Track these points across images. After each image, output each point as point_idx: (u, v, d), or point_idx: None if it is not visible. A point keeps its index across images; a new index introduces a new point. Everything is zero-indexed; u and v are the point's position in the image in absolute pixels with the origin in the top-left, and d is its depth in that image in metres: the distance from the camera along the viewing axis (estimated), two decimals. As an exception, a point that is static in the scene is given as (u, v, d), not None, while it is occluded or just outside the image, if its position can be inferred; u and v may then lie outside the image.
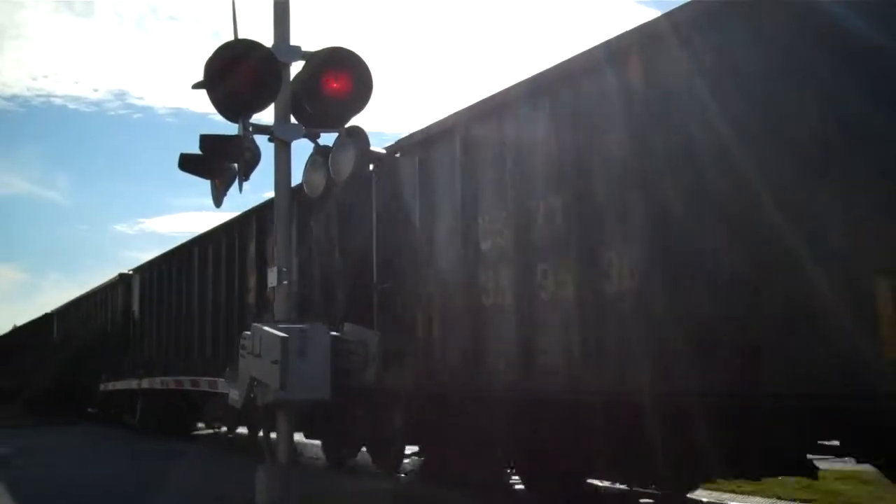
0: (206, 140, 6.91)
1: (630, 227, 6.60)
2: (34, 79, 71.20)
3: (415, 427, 10.12)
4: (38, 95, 71.89)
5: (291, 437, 6.96)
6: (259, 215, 13.65)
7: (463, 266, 8.47)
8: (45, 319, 33.54)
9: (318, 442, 13.12)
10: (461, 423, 9.00)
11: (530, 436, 8.20)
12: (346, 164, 6.97)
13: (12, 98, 73.85)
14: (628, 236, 6.61)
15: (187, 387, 16.73)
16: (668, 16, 6.40)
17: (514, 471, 9.53)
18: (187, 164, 7.24)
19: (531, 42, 64.79)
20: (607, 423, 7.07)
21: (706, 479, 7.99)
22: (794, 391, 5.39)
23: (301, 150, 7.39)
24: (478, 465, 9.29)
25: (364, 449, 11.89)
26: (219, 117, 6.82)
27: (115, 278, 23.51)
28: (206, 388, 15.31)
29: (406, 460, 11.46)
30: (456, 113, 8.79)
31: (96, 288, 25.63)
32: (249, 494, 6.94)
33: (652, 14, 6.58)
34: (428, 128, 9.26)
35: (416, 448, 10.84)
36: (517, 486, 9.64)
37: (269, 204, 8.16)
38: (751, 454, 6.12)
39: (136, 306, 21.50)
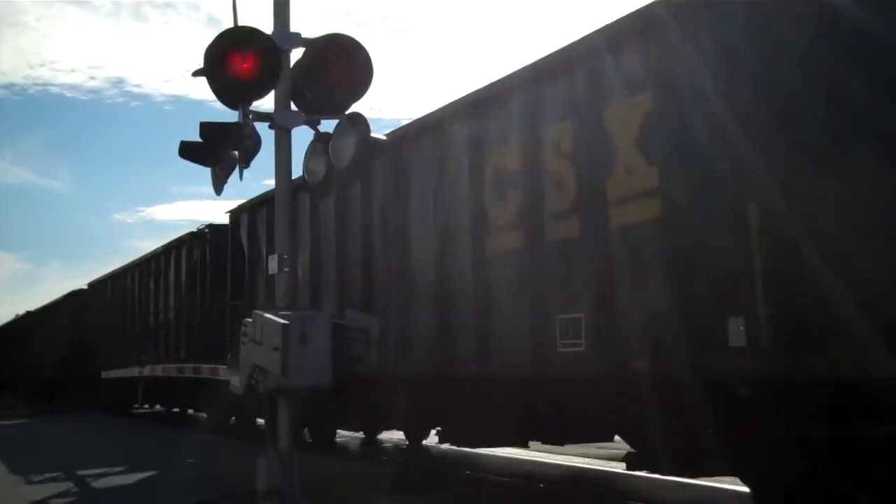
0: (206, 127, 6.89)
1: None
2: (31, 67, 71.11)
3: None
4: (36, 84, 71.84)
5: (293, 423, 6.96)
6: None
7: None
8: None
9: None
10: None
11: None
12: (346, 150, 6.95)
13: (9, 87, 73.84)
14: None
15: (189, 374, 16.78)
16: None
17: None
18: (188, 151, 7.22)
19: (533, 26, 64.63)
20: None
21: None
22: None
23: (302, 137, 7.38)
24: None
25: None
26: (218, 104, 6.80)
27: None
28: (208, 376, 15.35)
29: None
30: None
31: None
32: (251, 481, 6.95)
33: None
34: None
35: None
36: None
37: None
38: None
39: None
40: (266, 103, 7.11)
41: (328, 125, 7.20)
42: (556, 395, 7.86)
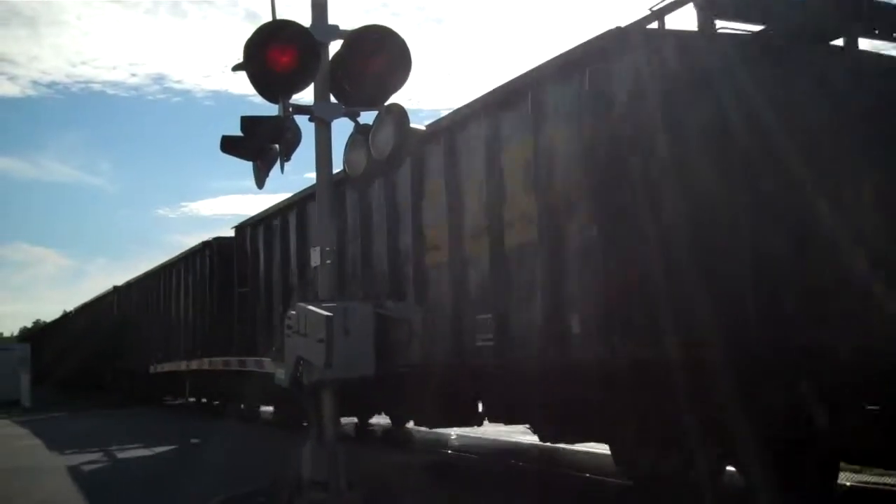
0: (246, 122, 6.94)
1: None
2: (73, 65, 72.25)
3: None
4: (78, 82, 73.15)
5: (338, 414, 7.01)
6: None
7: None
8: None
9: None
10: None
11: None
12: (386, 142, 6.96)
13: (52, 85, 75.28)
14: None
15: (234, 367, 16.92)
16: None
17: None
18: (229, 146, 7.28)
19: (570, 13, 64.23)
20: None
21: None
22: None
23: (342, 129, 7.41)
24: None
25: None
26: (258, 98, 6.84)
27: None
28: (253, 368, 15.46)
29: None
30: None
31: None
32: (296, 471, 7.00)
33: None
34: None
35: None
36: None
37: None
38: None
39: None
40: (306, 96, 7.16)
41: (368, 117, 7.22)
42: None
